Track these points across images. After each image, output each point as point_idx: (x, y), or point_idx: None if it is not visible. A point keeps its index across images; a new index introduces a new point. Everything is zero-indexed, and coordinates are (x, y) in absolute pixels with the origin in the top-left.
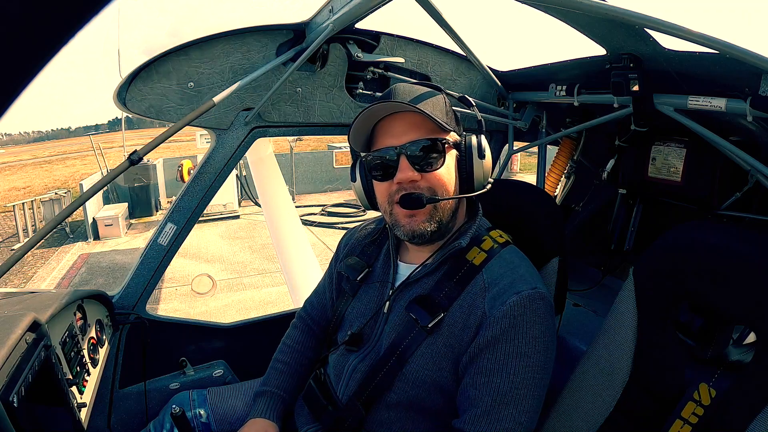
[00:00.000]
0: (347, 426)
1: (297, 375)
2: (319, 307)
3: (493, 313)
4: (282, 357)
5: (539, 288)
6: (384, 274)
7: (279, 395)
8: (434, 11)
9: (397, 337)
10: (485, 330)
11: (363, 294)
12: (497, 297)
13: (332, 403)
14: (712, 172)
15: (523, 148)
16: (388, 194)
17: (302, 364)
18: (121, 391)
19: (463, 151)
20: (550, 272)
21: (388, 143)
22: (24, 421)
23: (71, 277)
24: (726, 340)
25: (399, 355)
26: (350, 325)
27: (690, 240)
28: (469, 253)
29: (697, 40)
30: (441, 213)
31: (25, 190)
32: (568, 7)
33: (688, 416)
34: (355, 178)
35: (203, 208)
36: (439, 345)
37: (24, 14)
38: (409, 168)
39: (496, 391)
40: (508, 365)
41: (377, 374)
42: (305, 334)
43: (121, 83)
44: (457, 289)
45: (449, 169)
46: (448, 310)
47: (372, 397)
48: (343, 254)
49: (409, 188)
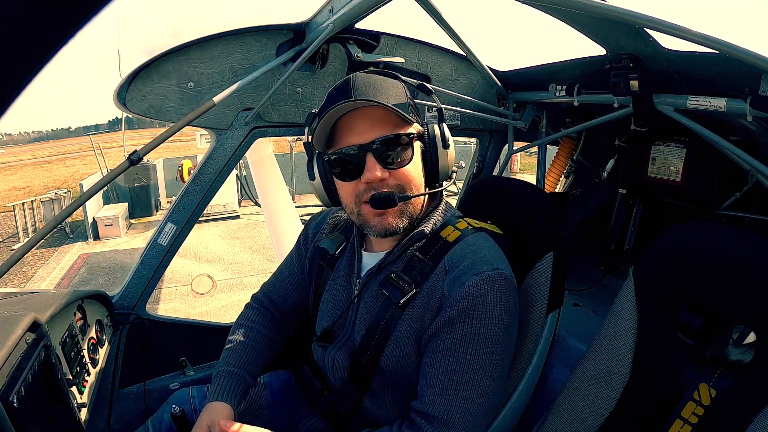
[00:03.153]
0: (343, 410)
1: (254, 353)
2: (283, 292)
3: (452, 294)
4: (235, 337)
5: (501, 268)
6: (349, 264)
7: (235, 373)
8: (434, 11)
9: (373, 320)
10: (444, 311)
11: (332, 285)
12: (457, 278)
13: (327, 388)
14: (712, 172)
15: (523, 148)
16: (354, 194)
17: (259, 342)
18: (121, 391)
19: (428, 143)
20: (544, 267)
21: (352, 141)
22: (24, 421)
23: (71, 277)
24: (726, 340)
25: (378, 337)
26: (322, 319)
27: (690, 240)
28: (444, 230)
29: (697, 40)
30: (412, 208)
31: (25, 190)
32: (568, 7)
33: (688, 416)
34: (313, 175)
35: (203, 208)
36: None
37: (24, 14)
38: (376, 166)
39: (451, 370)
40: (465, 346)
41: (360, 361)
42: (262, 315)
43: (121, 83)
44: (429, 264)
45: (416, 163)
46: (421, 286)
47: (363, 381)
48: (313, 240)
49: (377, 187)
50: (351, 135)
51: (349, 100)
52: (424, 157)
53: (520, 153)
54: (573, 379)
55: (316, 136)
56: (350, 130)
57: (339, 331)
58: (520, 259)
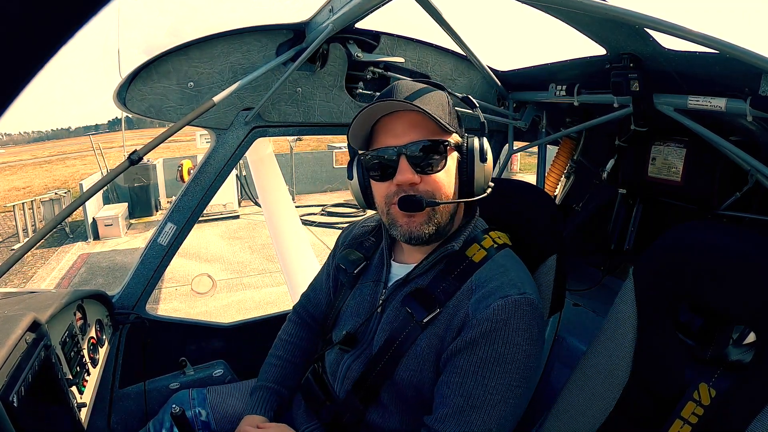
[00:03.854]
0: (346, 421)
1: (292, 366)
2: (315, 301)
3: (476, 315)
4: (275, 351)
5: (528, 293)
6: (377, 272)
7: (272, 388)
8: (434, 11)
9: (392, 333)
10: (466, 331)
11: (358, 292)
12: (482, 299)
13: (330, 399)
14: (712, 172)
15: (523, 148)
16: (386, 195)
17: (296, 356)
18: (121, 391)
19: (465, 154)
20: (547, 270)
21: (388, 143)
22: (24, 421)
23: (71, 277)
24: (726, 340)
25: (394, 351)
26: (345, 323)
27: (690, 240)
28: (469, 249)
29: (697, 40)
30: (439, 216)
31: (25, 190)
32: (568, 7)
33: (688, 416)
34: (351, 176)
35: (203, 208)
36: (427, 342)
37: (24, 14)
38: (408, 169)
39: (468, 393)
40: (484, 369)
41: (372, 371)
42: (300, 327)
43: (121, 83)
44: (455, 284)
45: (449, 172)
46: (444, 305)
47: (369, 393)
48: (341, 249)
49: (408, 190)
50: (388, 137)
51: (386, 99)
52: (460, 168)
53: (520, 153)
54: (573, 378)
55: (352, 133)
56: (388, 131)
57: (361, 337)
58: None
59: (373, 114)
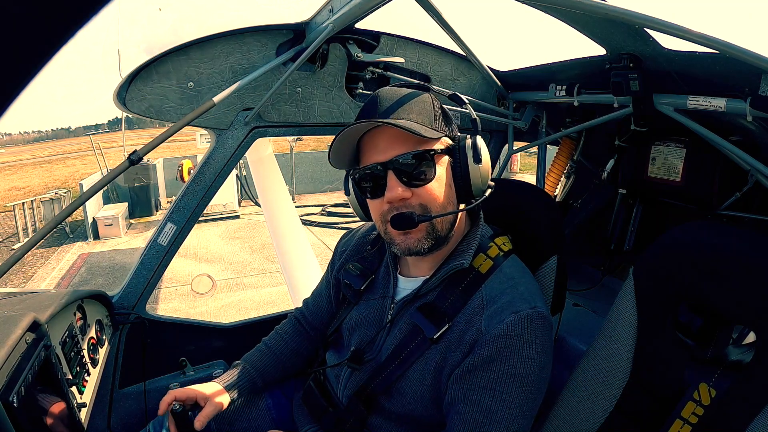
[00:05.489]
0: (349, 427)
1: (275, 359)
2: (315, 309)
3: (490, 331)
4: (267, 340)
5: (538, 307)
6: (384, 287)
7: (248, 370)
8: (434, 11)
9: (400, 347)
10: (480, 348)
11: (363, 305)
12: (494, 315)
13: (332, 405)
14: (712, 172)
15: (523, 148)
16: (381, 213)
17: (284, 353)
18: (121, 391)
19: (458, 156)
20: (548, 271)
21: (374, 159)
22: (24, 421)
23: (71, 277)
24: (726, 340)
25: (400, 362)
26: (350, 335)
27: (690, 240)
28: (476, 260)
29: (697, 40)
30: (438, 228)
31: (25, 190)
32: (568, 7)
33: (688, 416)
34: (348, 191)
35: (203, 208)
36: (435, 356)
37: (24, 14)
38: (397, 185)
39: (487, 409)
40: (501, 385)
41: (375, 379)
42: (296, 330)
43: (121, 83)
44: (463, 297)
45: (441, 180)
46: (453, 319)
47: (371, 400)
48: (340, 259)
49: (400, 207)
50: (373, 153)
51: (364, 121)
52: (455, 173)
53: (520, 153)
54: (573, 379)
55: (333, 151)
56: (372, 147)
57: (368, 352)
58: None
59: (354, 132)
